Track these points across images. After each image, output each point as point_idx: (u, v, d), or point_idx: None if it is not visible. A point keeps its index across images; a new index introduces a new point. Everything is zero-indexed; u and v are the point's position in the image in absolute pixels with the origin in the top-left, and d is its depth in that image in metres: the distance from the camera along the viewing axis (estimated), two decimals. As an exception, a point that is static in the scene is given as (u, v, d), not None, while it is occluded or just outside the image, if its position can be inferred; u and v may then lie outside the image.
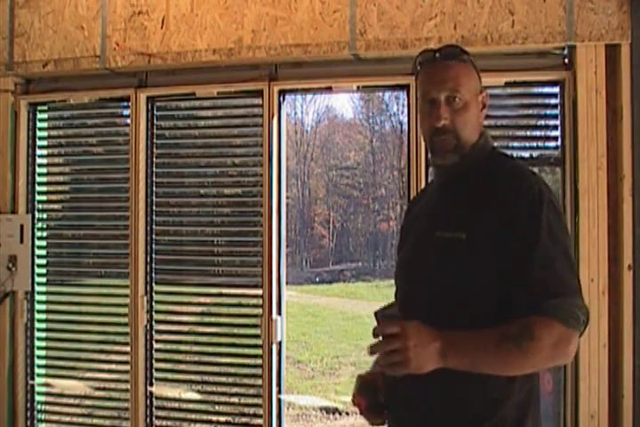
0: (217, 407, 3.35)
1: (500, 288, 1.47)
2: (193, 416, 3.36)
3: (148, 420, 3.39)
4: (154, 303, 3.41)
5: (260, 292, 3.23)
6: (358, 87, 3.20)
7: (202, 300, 3.47)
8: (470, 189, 1.59)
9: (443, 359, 1.37)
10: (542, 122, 3.11)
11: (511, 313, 1.43)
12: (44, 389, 3.57)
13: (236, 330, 3.36)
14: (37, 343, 3.57)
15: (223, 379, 3.35)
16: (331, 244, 26.20)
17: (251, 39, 3.14)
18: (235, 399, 3.31)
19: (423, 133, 1.66)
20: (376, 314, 1.41)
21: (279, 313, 3.24)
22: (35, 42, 3.45)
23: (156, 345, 3.41)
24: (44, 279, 3.61)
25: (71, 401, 3.56)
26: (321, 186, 27.59)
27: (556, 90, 2.97)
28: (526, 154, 3.08)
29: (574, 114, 2.86)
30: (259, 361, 3.22)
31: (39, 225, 3.62)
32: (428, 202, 1.74)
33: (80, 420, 3.53)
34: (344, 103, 32.97)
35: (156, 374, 3.40)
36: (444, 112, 1.57)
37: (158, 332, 3.42)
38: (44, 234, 3.63)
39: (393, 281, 1.81)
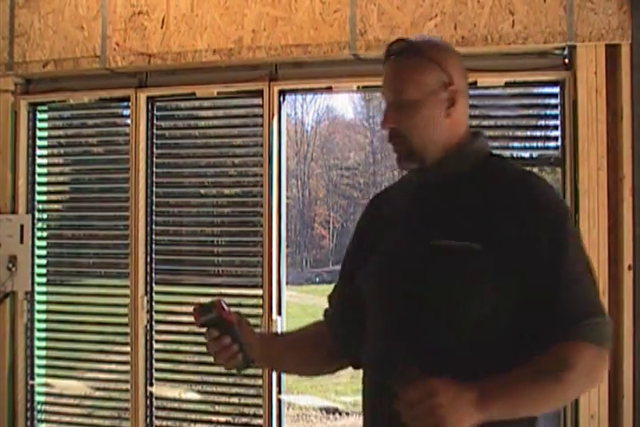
0: (217, 407, 3.35)
1: (514, 310, 1.32)
2: (193, 416, 3.36)
3: (148, 420, 3.38)
4: (154, 303, 3.41)
5: (260, 292, 3.22)
6: (358, 87, 3.19)
7: (202, 300, 3.46)
8: (467, 196, 1.40)
9: (481, 411, 1.19)
10: (542, 122, 3.10)
11: (532, 341, 1.30)
12: (43, 389, 3.57)
13: (236, 330, 3.35)
14: (37, 343, 3.57)
15: (223, 379, 3.34)
16: (331, 244, 26.17)
17: (251, 39, 3.14)
18: (235, 400, 3.30)
19: None
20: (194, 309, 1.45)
21: (279, 313, 3.24)
22: (35, 42, 3.45)
23: (155, 345, 3.40)
24: (43, 279, 3.61)
25: (71, 401, 3.56)
26: (321, 186, 27.56)
27: (556, 90, 2.97)
28: (526, 154, 3.08)
29: (574, 114, 2.86)
30: (259, 361, 3.21)
31: (39, 225, 3.61)
32: (397, 208, 1.53)
33: (80, 420, 3.53)
34: (344, 103, 32.97)
35: (156, 375, 3.39)
36: (391, 115, 1.43)
37: (158, 332, 3.41)
38: (44, 234, 3.63)
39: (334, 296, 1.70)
